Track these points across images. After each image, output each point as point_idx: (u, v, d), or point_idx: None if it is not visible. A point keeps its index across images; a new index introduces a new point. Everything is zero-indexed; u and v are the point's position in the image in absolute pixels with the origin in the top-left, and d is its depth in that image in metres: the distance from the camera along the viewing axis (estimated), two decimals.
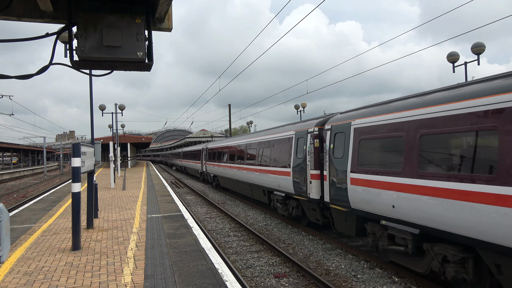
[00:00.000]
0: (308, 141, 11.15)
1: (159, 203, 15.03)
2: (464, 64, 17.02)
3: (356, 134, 8.81)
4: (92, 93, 14.08)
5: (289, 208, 13.13)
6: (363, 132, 8.54)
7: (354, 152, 8.82)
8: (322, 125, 10.81)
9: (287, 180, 12.52)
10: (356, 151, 8.75)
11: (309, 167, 11.02)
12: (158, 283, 5.97)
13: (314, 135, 10.95)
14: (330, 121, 10.21)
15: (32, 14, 3.34)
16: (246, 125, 47.58)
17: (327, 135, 10.15)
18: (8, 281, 6.17)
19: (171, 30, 3.77)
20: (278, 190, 13.56)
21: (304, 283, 7.73)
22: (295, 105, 30.37)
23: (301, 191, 11.49)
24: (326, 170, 10.02)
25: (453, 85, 6.90)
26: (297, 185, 11.78)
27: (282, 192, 13.29)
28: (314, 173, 10.79)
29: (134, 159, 72.35)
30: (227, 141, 23.42)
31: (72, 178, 8.27)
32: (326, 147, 10.15)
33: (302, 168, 11.47)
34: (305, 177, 11.21)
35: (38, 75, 3.54)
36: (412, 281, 7.64)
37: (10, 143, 58.60)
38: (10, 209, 15.01)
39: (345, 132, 9.32)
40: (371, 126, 8.23)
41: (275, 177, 13.64)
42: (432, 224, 6.44)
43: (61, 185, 25.35)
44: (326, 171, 10.07)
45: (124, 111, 27.32)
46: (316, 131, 10.97)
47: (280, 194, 13.47)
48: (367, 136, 8.42)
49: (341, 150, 9.37)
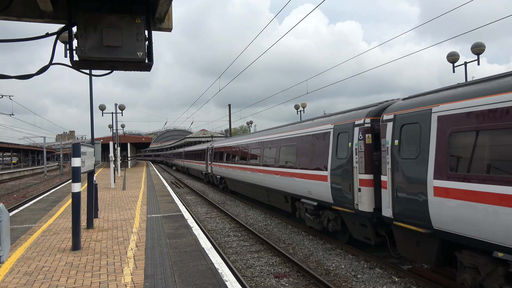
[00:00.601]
0: (356, 136, 8.82)
1: (159, 203, 15.03)
2: (464, 64, 17.03)
3: (443, 125, 6.43)
4: (92, 93, 14.08)
5: (323, 221, 10.68)
6: (457, 122, 6.14)
7: (439, 151, 6.45)
8: (377, 116, 8.53)
9: (323, 186, 10.14)
10: (443, 149, 6.38)
11: (357, 170, 8.67)
12: (158, 283, 5.97)
13: (364, 129, 8.58)
14: (391, 110, 7.81)
15: (32, 14, 3.34)
16: (246, 125, 47.59)
17: (387, 128, 7.78)
18: (8, 281, 6.17)
19: (171, 30, 3.77)
20: (308, 197, 11.15)
21: (304, 283, 7.73)
22: (295, 105, 30.37)
23: (344, 201, 9.17)
24: (387, 174, 7.65)
25: None
26: (338, 192, 9.43)
27: (313, 201, 10.85)
28: (365, 178, 8.44)
29: (134, 159, 72.36)
30: (237, 139, 20.94)
31: (72, 178, 8.27)
32: (386, 144, 7.80)
33: (345, 172, 9.11)
34: (351, 183, 8.85)
35: (38, 75, 3.54)
36: (412, 281, 7.64)
37: (10, 143, 58.60)
38: (10, 209, 15.01)
39: (420, 123, 6.95)
40: (476, 112, 5.82)
41: (304, 181, 11.29)
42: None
43: (61, 185, 25.34)
44: (386, 176, 7.69)
45: (124, 111, 27.34)
46: (367, 123, 8.59)
47: (310, 202, 11.01)
48: (466, 127, 5.98)
49: (415, 148, 7.03)
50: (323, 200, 10.25)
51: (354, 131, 8.94)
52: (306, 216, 11.53)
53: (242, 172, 18.25)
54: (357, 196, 8.63)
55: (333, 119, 10.27)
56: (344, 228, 9.98)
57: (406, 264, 8.60)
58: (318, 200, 10.57)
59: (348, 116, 9.51)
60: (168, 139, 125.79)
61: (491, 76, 6.15)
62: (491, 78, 6.10)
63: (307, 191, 11.14)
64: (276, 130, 15.05)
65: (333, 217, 10.13)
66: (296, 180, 11.91)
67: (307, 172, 11.16)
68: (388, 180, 7.64)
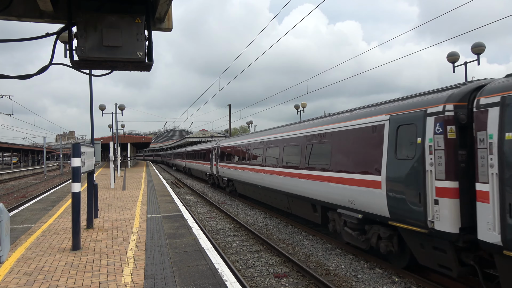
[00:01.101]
0: (429, 129, 6.65)
1: (159, 203, 15.03)
2: (464, 64, 17.03)
3: None
4: (92, 93, 14.08)
5: (370, 238, 8.54)
6: None
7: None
8: (462, 100, 6.44)
9: (373, 195, 7.97)
10: None
11: (431, 175, 6.50)
12: (158, 283, 5.97)
13: (444, 119, 6.40)
14: (494, 90, 5.76)
15: (32, 14, 3.34)
16: (246, 125, 47.59)
17: (489, 115, 5.70)
18: (8, 281, 6.17)
19: (171, 30, 3.77)
20: (349, 208, 8.98)
21: (304, 283, 7.73)
22: (295, 105, 30.38)
23: (408, 216, 6.98)
24: (489, 182, 5.61)
25: None
26: (399, 204, 7.24)
27: (356, 212, 8.69)
28: (447, 186, 6.30)
29: (134, 159, 72.37)
30: (248, 137, 18.71)
31: (72, 178, 8.27)
32: (487, 139, 5.72)
33: (412, 177, 6.93)
34: (421, 193, 6.67)
35: (38, 75, 3.54)
36: (412, 281, 7.64)
37: (10, 143, 58.60)
38: (10, 209, 15.00)
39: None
40: None
41: (343, 188, 9.11)
42: None
43: (61, 185, 25.34)
44: (487, 184, 5.64)
45: (123, 111, 27.33)
46: (449, 110, 6.40)
47: (352, 214, 8.87)
48: None
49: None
50: (373, 212, 8.04)
51: (426, 123, 6.73)
52: (344, 230, 9.32)
53: (255, 175, 16.02)
54: (432, 210, 6.46)
55: (387, 108, 8.05)
56: (403, 248, 7.87)
57: None
58: (365, 212, 8.36)
59: (413, 103, 7.30)
60: (168, 139, 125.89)
61: None
62: None
63: (348, 200, 8.92)
64: (299, 125, 12.74)
65: (386, 234, 7.93)
66: (331, 186, 9.68)
67: (348, 176, 8.94)
68: (492, 190, 5.54)
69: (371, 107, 8.90)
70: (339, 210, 9.43)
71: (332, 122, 10.21)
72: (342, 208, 9.28)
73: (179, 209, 13.46)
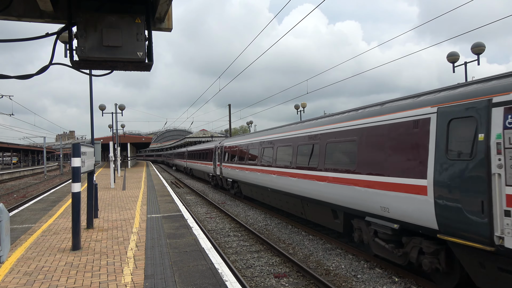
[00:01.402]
0: (497, 123, 5.46)
1: (159, 203, 15.03)
2: (464, 64, 17.04)
3: None
4: (92, 93, 14.08)
5: (409, 252, 7.39)
6: None
7: None
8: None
9: (415, 202, 6.78)
10: None
11: (500, 180, 5.33)
12: (158, 283, 5.97)
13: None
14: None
15: (32, 14, 3.34)
16: (246, 125, 47.57)
17: None
18: (8, 281, 6.17)
19: (171, 30, 3.77)
20: (381, 216, 7.77)
21: (304, 283, 7.73)
22: (295, 105, 30.38)
23: (466, 228, 5.82)
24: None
25: None
26: (452, 213, 6.06)
27: (391, 221, 7.49)
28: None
29: (134, 159, 72.38)
30: (255, 136, 17.43)
31: (72, 178, 8.27)
32: None
33: (470, 181, 5.79)
34: (486, 201, 5.53)
35: (38, 75, 3.54)
36: (412, 281, 7.64)
37: (10, 143, 58.60)
38: (10, 209, 15.00)
39: None
40: None
41: (375, 193, 7.87)
42: None
43: (61, 185, 25.34)
44: None
45: (123, 111, 27.33)
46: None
47: (385, 224, 7.65)
48: None
49: None
50: (415, 223, 6.86)
51: (491, 114, 5.56)
52: (375, 242, 8.15)
53: (264, 176, 14.80)
54: (502, 223, 5.30)
55: (433, 99, 6.85)
56: (452, 266, 6.70)
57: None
58: (403, 221, 7.19)
59: (470, 92, 6.13)
60: (168, 139, 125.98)
61: None
62: None
63: (380, 207, 7.71)
64: (317, 122, 11.37)
65: (431, 249, 6.76)
66: (358, 190, 8.48)
67: (381, 179, 7.71)
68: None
69: (407, 99, 7.80)
70: (368, 218, 8.22)
71: (359, 117, 8.90)
72: (372, 216, 8.06)
73: (179, 209, 13.46)
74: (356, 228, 9.11)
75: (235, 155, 19.88)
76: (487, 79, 6.30)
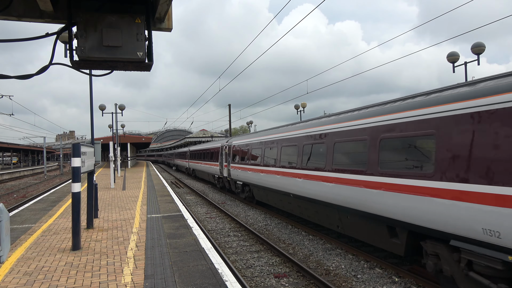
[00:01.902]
0: None
1: (159, 203, 15.03)
2: (464, 64, 17.04)
3: None
4: (92, 93, 14.07)
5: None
6: None
7: None
8: None
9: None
10: None
11: None
12: (158, 283, 5.97)
13: None
14: None
15: (32, 14, 3.34)
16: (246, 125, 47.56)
17: None
18: (8, 281, 6.17)
19: (171, 30, 3.77)
20: (483, 242, 5.40)
21: (304, 283, 7.73)
22: (295, 105, 30.38)
23: None
24: None
25: None
26: None
27: (503, 252, 5.14)
28: None
29: (134, 159, 72.38)
30: (272, 133, 14.85)
31: (72, 178, 8.27)
32: None
33: None
34: None
35: (38, 75, 3.54)
36: (412, 281, 7.64)
37: (10, 143, 58.62)
38: (10, 209, 15.01)
39: None
40: None
41: (474, 208, 5.49)
42: None
43: (61, 185, 25.34)
44: None
45: (123, 111, 27.33)
46: None
47: (492, 254, 5.29)
48: None
49: None
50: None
51: None
52: (470, 277, 5.84)
53: (285, 179, 12.59)
54: None
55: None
56: None
57: (406, 264, 8.60)
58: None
59: None
60: (168, 139, 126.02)
61: None
62: None
63: (483, 230, 5.35)
64: (363, 113, 8.82)
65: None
66: (441, 203, 6.09)
67: (483, 189, 5.38)
68: None
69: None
70: (456, 243, 5.89)
71: (433, 104, 6.53)
72: (465, 241, 5.73)
73: (179, 209, 13.46)
74: (430, 254, 6.71)
75: (246, 155, 17.63)
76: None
